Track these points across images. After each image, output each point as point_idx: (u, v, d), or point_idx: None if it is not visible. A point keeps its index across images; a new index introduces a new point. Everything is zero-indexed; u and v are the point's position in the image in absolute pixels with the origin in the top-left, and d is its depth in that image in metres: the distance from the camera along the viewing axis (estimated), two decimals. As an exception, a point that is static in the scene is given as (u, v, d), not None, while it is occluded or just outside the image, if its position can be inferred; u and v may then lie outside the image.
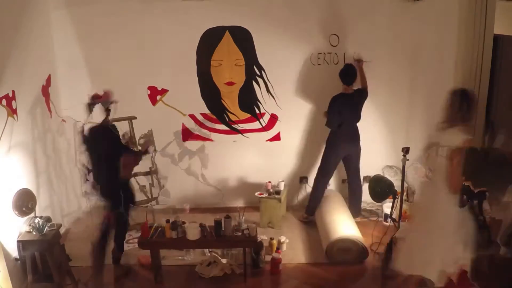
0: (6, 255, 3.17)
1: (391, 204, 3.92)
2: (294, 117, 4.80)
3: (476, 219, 4.01)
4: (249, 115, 4.82)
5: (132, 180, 4.20)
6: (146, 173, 4.25)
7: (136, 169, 4.14)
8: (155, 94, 4.68)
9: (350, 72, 4.32)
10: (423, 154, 3.03)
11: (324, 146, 4.53)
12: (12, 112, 3.44)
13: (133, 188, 3.83)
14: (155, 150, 4.50)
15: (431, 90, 4.18)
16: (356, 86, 4.41)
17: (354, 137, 4.44)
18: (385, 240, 3.92)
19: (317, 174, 4.58)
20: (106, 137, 3.45)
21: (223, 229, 3.50)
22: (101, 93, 3.62)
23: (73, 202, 4.86)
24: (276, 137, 4.87)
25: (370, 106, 4.76)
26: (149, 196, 4.41)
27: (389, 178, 4.27)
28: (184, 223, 3.55)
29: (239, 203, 4.97)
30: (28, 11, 3.82)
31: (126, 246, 4.11)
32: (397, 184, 4.09)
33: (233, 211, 4.24)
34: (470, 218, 2.97)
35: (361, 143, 4.71)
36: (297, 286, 3.55)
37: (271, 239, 3.97)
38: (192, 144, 4.86)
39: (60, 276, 3.40)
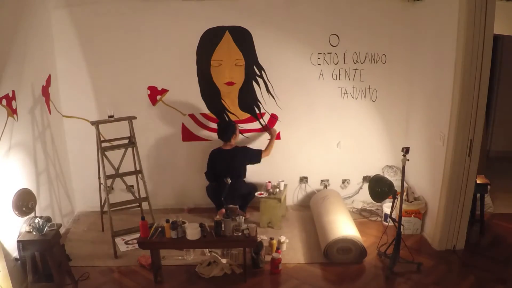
0: (6, 255, 3.17)
1: (391, 204, 3.92)
2: (294, 117, 4.80)
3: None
4: (249, 115, 4.82)
5: (119, 180, 4.21)
6: (131, 173, 4.23)
7: (123, 169, 4.15)
8: (155, 94, 4.68)
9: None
10: None
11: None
12: (12, 112, 3.44)
13: None
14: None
15: (431, 89, 4.18)
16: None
17: None
18: (384, 240, 3.93)
19: None
20: None
21: (223, 229, 3.50)
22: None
23: (73, 201, 4.87)
24: (276, 137, 4.87)
25: (371, 106, 4.77)
26: (137, 196, 4.40)
27: (389, 178, 4.26)
28: (184, 223, 3.55)
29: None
30: (28, 11, 3.82)
31: (125, 247, 4.12)
32: (397, 184, 4.09)
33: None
34: None
35: (361, 142, 4.74)
36: (297, 286, 3.55)
37: (271, 239, 3.97)
38: (192, 144, 4.86)
39: (60, 276, 3.40)
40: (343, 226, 3.94)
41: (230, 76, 4.66)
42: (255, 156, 4.59)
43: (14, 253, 3.33)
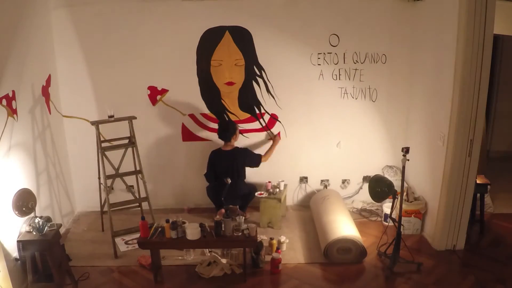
0: (6, 255, 3.17)
1: (391, 204, 3.92)
2: (294, 117, 4.80)
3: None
4: (249, 115, 4.82)
5: (119, 180, 4.21)
6: (131, 173, 4.23)
7: (123, 169, 4.16)
8: (155, 94, 4.68)
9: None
10: None
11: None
12: (12, 112, 3.44)
13: None
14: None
15: (431, 89, 4.18)
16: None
17: None
18: (384, 240, 3.93)
19: None
20: None
21: (223, 229, 3.50)
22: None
23: (73, 201, 4.87)
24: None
25: (371, 106, 4.77)
26: (137, 196, 4.40)
27: (389, 178, 4.26)
28: (184, 223, 3.55)
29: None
30: (28, 11, 3.82)
31: (125, 247, 4.12)
32: (397, 184, 4.09)
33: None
34: None
35: (361, 142, 4.73)
36: (297, 286, 3.55)
37: (271, 239, 3.97)
38: (192, 144, 4.86)
39: (60, 276, 3.40)
40: (343, 226, 3.94)
41: (230, 76, 4.66)
42: (254, 160, 4.60)
43: (14, 253, 3.33)
